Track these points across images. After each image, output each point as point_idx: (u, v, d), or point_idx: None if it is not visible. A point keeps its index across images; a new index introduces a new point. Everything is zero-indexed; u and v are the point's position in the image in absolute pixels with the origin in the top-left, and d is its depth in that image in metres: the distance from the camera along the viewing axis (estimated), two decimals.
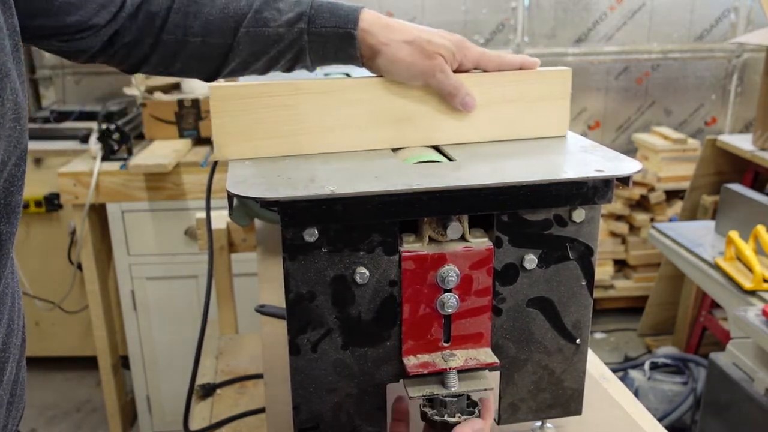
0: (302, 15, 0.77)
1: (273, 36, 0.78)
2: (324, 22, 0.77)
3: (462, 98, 0.78)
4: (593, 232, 0.70)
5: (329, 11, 0.78)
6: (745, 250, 1.95)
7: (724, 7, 3.46)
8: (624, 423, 0.88)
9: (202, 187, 2.19)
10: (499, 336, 0.71)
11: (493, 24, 3.35)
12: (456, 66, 0.78)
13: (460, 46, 0.78)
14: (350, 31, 0.77)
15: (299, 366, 0.68)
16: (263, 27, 0.78)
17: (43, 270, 2.69)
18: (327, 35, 0.78)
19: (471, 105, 0.78)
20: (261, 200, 0.62)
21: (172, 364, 2.46)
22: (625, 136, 3.59)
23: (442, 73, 0.76)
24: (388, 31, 0.77)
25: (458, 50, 0.78)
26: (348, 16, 0.77)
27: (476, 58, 0.79)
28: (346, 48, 0.78)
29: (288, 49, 0.79)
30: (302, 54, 0.79)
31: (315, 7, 0.78)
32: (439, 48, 0.76)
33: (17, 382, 0.72)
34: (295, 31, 0.78)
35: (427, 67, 0.76)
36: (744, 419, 1.70)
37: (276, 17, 0.78)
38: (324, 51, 0.79)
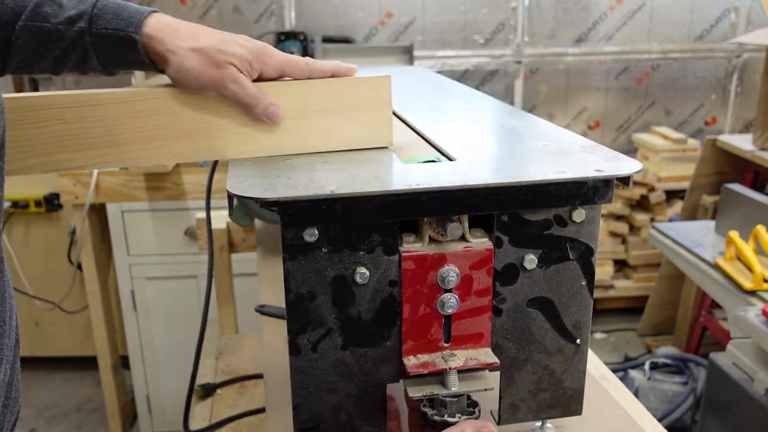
0: (84, 13, 0.74)
1: (53, 33, 0.74)
2: (105, 24, 0.73)
3: (264, 109, 0.74)
4: (593, 232, 0.70)
5: (113, 12, 0.74)
6: (745, 250, 1.95)
7: (724, 7, 3.46)
8: (624, 423, 0.88)
9: (202, 187, 2.19)
10: (499, 336, 0.71)
11: (493, 24, 3.35)
12: (256, 75, 0.74)
13: (259, 53, 0.74)
14: (131, 35, 0.73)
15: (299, 366, 0.68)
16: (42, 22, 0.74)
17: (43, 270, 2.69)
18: (109, 38, 0.74)
19: (276, 115, 0.74)
20: (261, 200, 0.61)
21: (172, 364, 2.46)
22: (625, 136, 3.59)
23: (235, 83, 0.72)
24: (176, 37, 0.73)
25: (255, 58, 0.73)
26: (131, 19, 0.73)
27: (280, 66, 0.75)
28: (130, 53, 0.74)
29: (72, 50, 0.75)
30: (88, 56, 0.75)
31: (99, 6, 0.74)
32: (230, 57, 0.72)
33: (11, 384, 0.71)
34: (75, 31, 0.74)
35: (216, 78, 0.72)
36: (744, 419, 1.70)
37: (57, 12, 0.74)
38: (110, 54, 0.75)
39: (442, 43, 3.32)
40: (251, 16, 3.23)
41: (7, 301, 0.69)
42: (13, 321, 0.71)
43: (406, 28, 3.24)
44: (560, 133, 0.84)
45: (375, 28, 3.24)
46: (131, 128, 0.73)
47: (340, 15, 3.25)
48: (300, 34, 3.02)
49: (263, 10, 3.23)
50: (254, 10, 3.23)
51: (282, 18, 3.23)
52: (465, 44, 3.35)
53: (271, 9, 3.23)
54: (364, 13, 3.23)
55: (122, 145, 0.74)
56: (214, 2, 3.20)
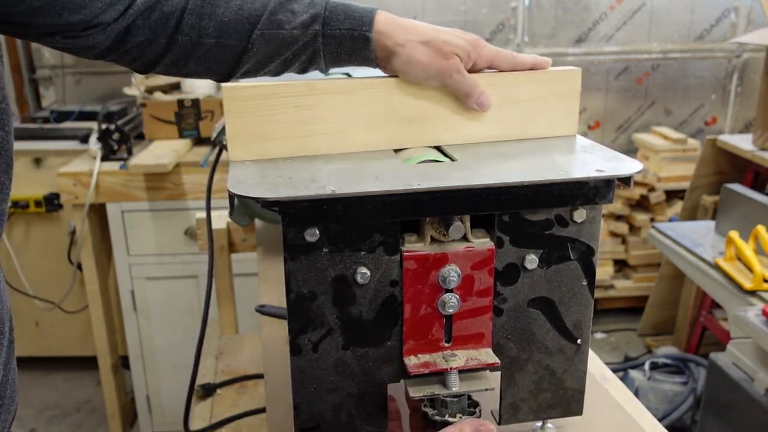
0: (317, 17, 0.77)
1: (287, 38, 0.78)
2: (339, 24, 0.77)
3: (477, 98, 0.78)
4: (594, 232, 0.70)
5: (344, 13, 0.77)
6: (745, 250, 1.95)
7: (724, 7, 3.46)
8: (624, 423, 0.88)
9: (202, 187, 2.19)
10: (500, 336, 0.71)
11: (493, 24, 3.36)
12: (471, 65, 0.78)
13: (475, 45, 0.78)
14: (365, 33, 0.76)
15: (300, 366, 0.68)
16: (278, 29, 0.78)
17: (43, 270, 2.69)
18: (342, 37, 0.77)
19: (486, 104, 0.78)
20: (262, 200, 0.62)
21: (172, 364, 2.46)
22: (625, 136, 3.59)
23: (459, 73, 0.76)
24: (403, 31, 0.77)
25: (473, 50, 0.77)
26: (363, 18, 0.77)
27: (490, 58, 0.79)
28: (361, 50, 0.77)
29: (302, 51, 0.79)
30: (316, 56, 0.79)
31: (329, 9, 0.77)
32: (456, 48, 0.76)
33: (6, 384, 0.71)
34: (309, 33, 0.77)
35: (443, 68, 0.76)
36: (744, 419, 1.70)
37: (290, 19, 0.77)
38: (339, 53, 0.78)
39: None
40: None
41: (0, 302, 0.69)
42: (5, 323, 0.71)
43: None
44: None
45: None
46: (357, 115, 0.77)
47: None
48: None
49: None
50: None
51: None
52: None
53: None
54: None
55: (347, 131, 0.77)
56: None
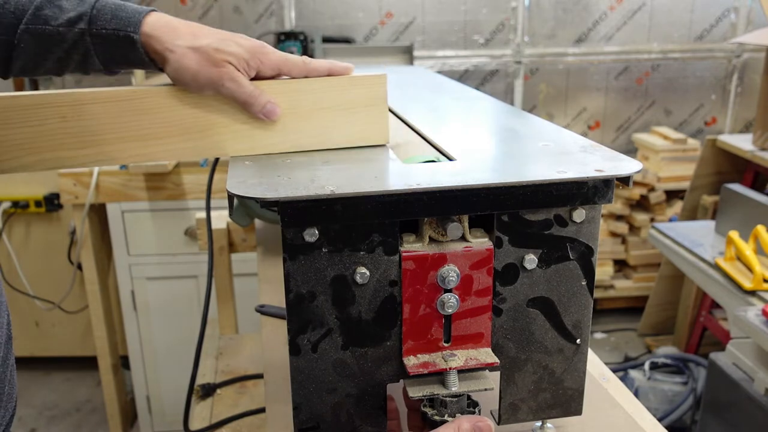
0: (83, 15, 0.75)
1: (54, 35, 0.75)
2: (105, 24, 0.74)
3: (261, 107, 0.74)
4: (593, 232, 0.70)
5: (111, 12, 0.74)
6: (745, 250, 1.95)
7: (724, 7, 3.46)
8: (624, 423, 0.88)
9: (202, 187, 2.20)
10: (499, 336, 0.71)
11: (493, 24, 3.36)
12: (253, 73, 0.75)
13: (256, 52, 0.75)
14: (130, 34, 0.74)
15: (299, 366, 0.68)
16: (43, 25, 0.75)
17: (43, 270, 2.69)
18: (108, 37, 0.74)
19: (273, 113, 0.75)
20: (261, 200, 0.62)
21: (172, 364, 2.46)
22: (625, 136, 3.59)
23: (232, 81, 0.73)
24: (175, 36, 0.74)
25: (252, 57, 0.74)
26: (130, 19, 0.74)
27: (277, 65, 0.76)
28: (130, 52, 0.75)
29: (73, 50, 0.76)
30: (89, 57, 0.76)
31: (98, 7, 0.75)
32: (228, 56, 0.73)
33: (4, 381, 0.71)
34: (76, 32, 0.75)
35: (214, 76, 0.73)
36: (744, 419, 1.70)
37: (57, 15, 0.75)
38: (111, 54, 0.76)
39: (442, 43, 3.32)
40: (251, 16, 3.23)
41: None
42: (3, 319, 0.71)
43: (406, 28, 3.25)
44: (560, 133, 0.84)
45: (375, 28, 3.24)
46: (131, 126, 0.74)
47: (340, 15, 3.25)
48: (300, 34, 3.02)
49: (263, 10, 3.23)
50: (254, 10, 3.23)
51: (282, 18, 3.24)
52: (465, 44, 3.35)
53: (271, 9, 3.23)
54: (364, 13, 3.23)
55: (121, 143, 0.75)
56: (214, 2, 3.21)
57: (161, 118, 0.75)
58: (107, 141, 0.74)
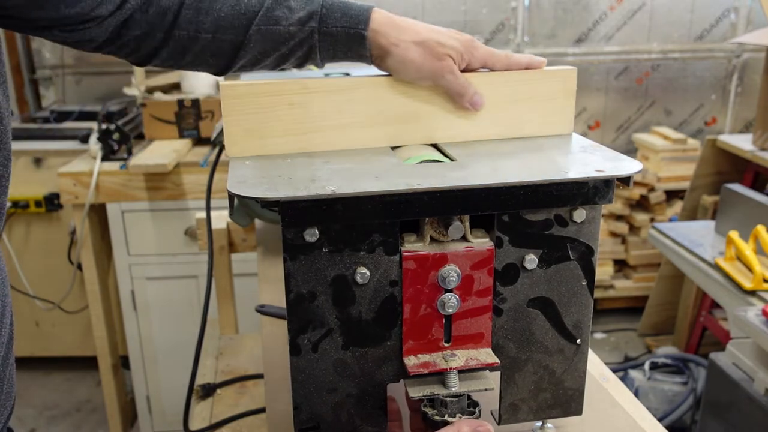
0: (313, 14, 0.78)
1: (284, 34, 0.79)
2: (335, 22, 0.78)
3: (470, 97, 0.78)
4: (594, 232, 0.70)
5: (340, 11, 0.78)
6: (745, 250, 1.95)
7: (724, 7, 3.46)
8: (624, 423, 0.88)
9: (202, 187, 2.20)
10: (499, 336, 0.71)
11: (493, 24, 3.35)
12: (464, 65, 0.79)
13: (469, 46, 0.79)
14: (361, 31, 0.77)
15: (300, 366, 0.68)
16: (274, 25, 0.79)
17: (43, 270, 2.69)
18: (337, 35, 0.78)
19: (479, 104, 0.79)
20: (262, 200, 0.62)
21: (172, 364, 2.46)
22: (625, 136, 3.59)
23: (451, 74, 0.77)
24: (399, 31, 0.77)
25: (467, 50, 0.78)
26: (359, 17, 0.77)
27: (484, 58, 0.80)
28: (356, 48, 0.78)
29: (298, 48, 0.80)
30: (312, 52, 0.80)
31: (326, 6, 0.78)
32: (449, 49, 0.77)
33: (3, 380, 0.71)
34: (306, 30, 0.78)
35: (436, 68, 0.76)
36: (744, 419, 1.70)
37: (287, 15, 0.78)
38: (334, 50, 0.79)
39: None
40: None
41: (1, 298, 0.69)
42: (6, 318, 0.71)
43: None
44: None
45: None
46: (350, 113, 0.78)
47: None
48: None
49: None
50: None
51: None
52: None
53: None
54: None
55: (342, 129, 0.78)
56: None
57: (376, 107, 0.78)
58: (329, 127, 0.78)
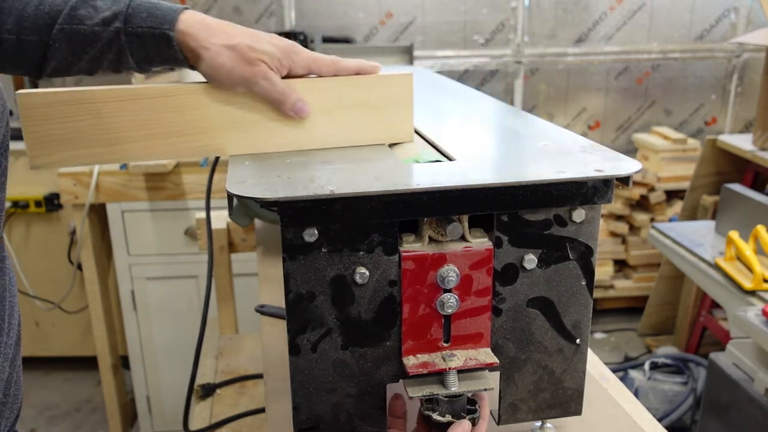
0: (118, 14, 0.75)
1: (89, 34, 0.76)
2: (140, 22, 0.75)
3: (292, 105, 0.76)
4: (593, 232, 0.70)
5: (147, 11, 0.75)
6: (745, 250, 1.95)
7: (724, 7, 3.46)
8: (624, 423, 0.88)
9: (202, 187, 2.20)
10: (498, 336, 0.71)
11: (493, 24, 3.35)
12: (285, 72, 0.76)
13: (288, 51, 0.76)
14: (166, 32, 0.75)
15: (299, 366, 0.68)
16: (78, 24, 0.76)
17: (43, 270, 2.69)
18: (144, 36, 0.75)
19: (304, 111, 0.77)
20: (261, 200, 0.62)
21: (172, 364, 2.46)
22: (625, 136, 3.59)
23: (266, 80, 0.74)
24: (209, 33, 0.75)
25: (285, 56, 0.76)
26: (165, 17, 0.75)
27: (307, 64, 0.77)
28: (166, 50, 0.76)
29: (107, 49, 0.77)
30: (123, 55, 0.77)
31: (133, 6, 0.76)
32: (262, 54, 0.74)
33: (11, 381, 0.71)
34: (111, 31, 0.75)
35: (248, 74, 0.74)
36: (744, 419, 1.70)
37: (92, 15, 0.76)
38: (145, 52, 0.77)
39: (442, 43, 3.32)
40: (251, 16, 3.23)
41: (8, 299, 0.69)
42: (14, 319, 0.71)
43: (406, 28, 3.24)
44: (560, 133, 0.84)
45: (375, 28, 3.24)
46: (164, 123, 0.75)
47: (340, 15, 3.25)
48: (300, 34, 3.02)
49: (263, 10, 3.23)
50: (254, 10, 3.23)
51: (282, 18, 3.23)
52: (465, 44, 3.35)
53: (271, 9, 3.23)
54: (364, 13, 3.23)
55: (155, 139, 0.76)
56: (214, 2, 3.21)
57: (194, 114, 0.76)
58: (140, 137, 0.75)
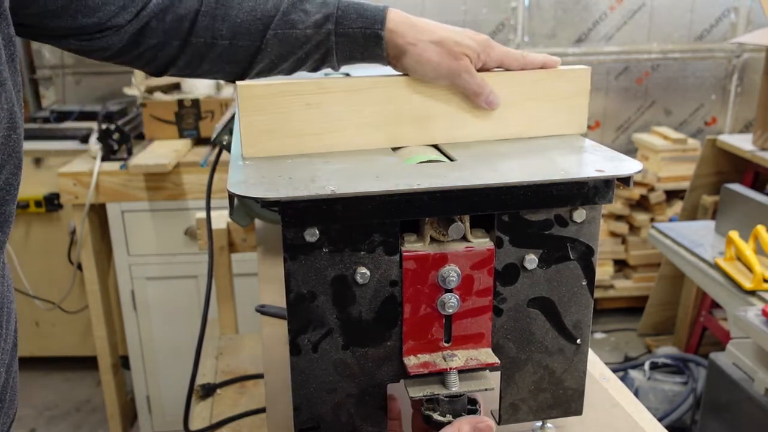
0: (329, 16, 0.78)
1: (301, 38, 0.79)
2: (351, 23, 0.78)
3: (486, 97, 0.78)
4: (594, 232, 0.70)
5: (356, 12, 0.78)
6: (745, 250, 1.95)
7: (724, 7, 3.46)
8: (624, 423, 0.88)
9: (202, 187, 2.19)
10: (499, 336, 0.71)
11: (493, 24, 3.35)
12: (480, 65, 0.79)
13: (485, 45, 0.79)
14: (377, 31, 0.77)
15: (300, 366, 0.68)
16: (291, 29, 0.79)
17: (43, 270, 2.69)
18: (354, 36, 0.78)
19: (495, 103, 0.79)
20: (262, 200, 0.62)
21: (172, 364, 2.46)
22: (625, 136, 3.59)
23: (468, 73, 0.77)
24: (415, 30, 0.78)
25: (483, 50, 0.78)
26: (375, 17, 0.77)
27: (500, 58, 0.80)
28: (372, 48, 0.78)
29: (315, 50, 0.80)
30: (329, 54, 0.80)
31: (342, 8, 0.78)
32: (466, 49, 0.77)
33: (7, 387, 0.71)
34: (322, 33, 0.78)
35: (453, 68, 0.76)
36: (744, 419, 1.70)
37: (303, 19, 0.78)
38: (351, 51, 0.79)
39: None
40: None
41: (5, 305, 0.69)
42: (11, 325, 0.71)
43: None
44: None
45: None
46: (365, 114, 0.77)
47: None
48: None
49: None
50: None
51: None
52: None
53: None
54: None
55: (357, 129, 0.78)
56: None
57: (393, 107, 0.78)
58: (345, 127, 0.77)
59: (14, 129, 0.66)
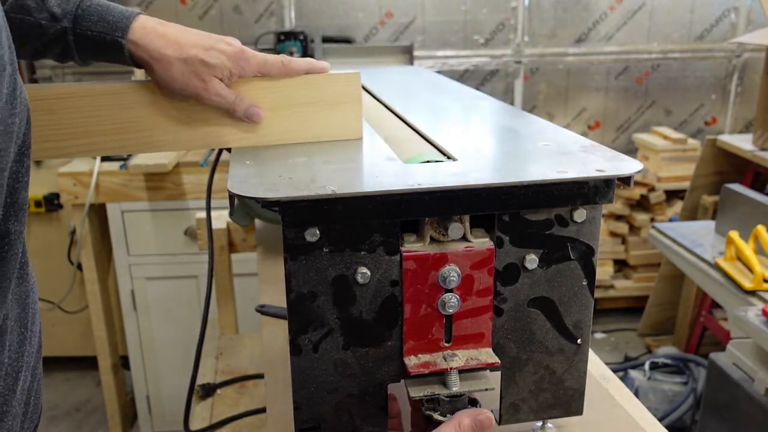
0: (68, 13, 0.74)
1: (35, 26, 0.75)
2: (91, 26, 0.74)
3: (244, 111, 0.77)
4: (594, 232, 0.70)
5: (98, 14, 0.74)
6: (745, 250, 1.95)
7: (724, 7, 3.46)
8: (624, 423, 0.88)
9: (202, 187, 2.20)
10: (500, 336, 0.71)
11: (493, 24, 3.35)
12: (235, 78, 0.77)
13: (238, 59, 0.77)
14: (118, 39, 0.74)
15: (300, 366, 0.68)
16: (25, 15, 0.74)
17: (43, 270, 2.68)
18: (93, 39, 0.75)
19: (256, 115, 0.78)
20: (262, 200, 0.62)
21: (172, 364, 2.46)
22: (625, 136, 3.59)
23: (218, 95, 0.75)
24: (163, 42, 0.74)
25: (236, 65, 0.76)
26: (118, 23, 0.74)
27: (257, 68, 0.78)
28: (116, 54, 0.75)
29: (54, 44, 0.76)
30: (69, 51, 0.76)
31: (84, 7, 0.74)
32: (213, 70, 0.75)
33: (32, 390, 0.70)
34: (58, 28, 0.75)
35: (200, 90, 0.75)
36: (744, 419, 1.70)
37: (40, 7, 0.74)
38: (94, 52, 0.76)
39: (442, 43, 3.32)
40: (251, 16, 3.23)
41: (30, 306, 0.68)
42: (36, 326, 0.70)
43: (406, 28, 3.24)
44: (560, 132, 0.84)
45: (375, 28, 3.24)
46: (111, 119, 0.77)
47: (340, 15, 3.25)
48: (300, 34, 3.02)
49: (263, 10, 3.23)
50: (254, 10, 3.23)
51: (282, 18, 3.23)
52: (465, 44, 3.35)
53: (271, 9, 3.23)
54: (364, 13, 3.23)
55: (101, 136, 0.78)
56: (214, 2, 3.20)
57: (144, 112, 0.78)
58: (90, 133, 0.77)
59: (27, 120, 0.66)
